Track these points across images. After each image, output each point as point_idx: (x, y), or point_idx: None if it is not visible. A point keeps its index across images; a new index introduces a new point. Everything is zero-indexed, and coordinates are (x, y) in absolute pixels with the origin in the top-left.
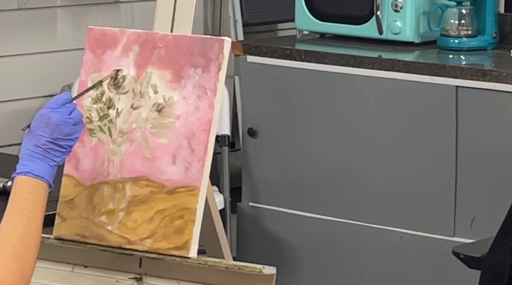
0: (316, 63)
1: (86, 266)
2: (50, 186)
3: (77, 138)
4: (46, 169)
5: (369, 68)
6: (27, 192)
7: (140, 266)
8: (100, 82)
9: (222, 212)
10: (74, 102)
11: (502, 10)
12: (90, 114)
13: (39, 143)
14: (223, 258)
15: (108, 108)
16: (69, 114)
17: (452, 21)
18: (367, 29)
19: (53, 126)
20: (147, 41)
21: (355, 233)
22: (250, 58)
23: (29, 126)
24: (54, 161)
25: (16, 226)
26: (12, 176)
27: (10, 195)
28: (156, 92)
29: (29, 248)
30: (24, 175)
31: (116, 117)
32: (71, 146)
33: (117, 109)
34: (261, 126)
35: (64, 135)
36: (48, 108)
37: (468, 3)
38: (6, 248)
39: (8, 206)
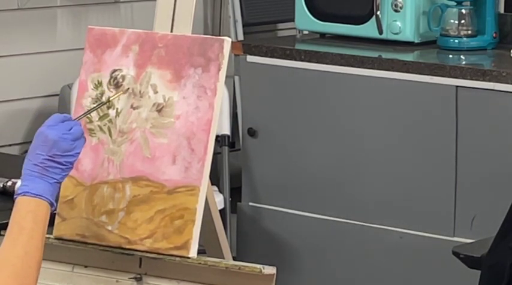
0: (316, 63)
1: (86, 266)
2: (51, 204)
3: (78, 153)
4: (46, 187)
5: (369, 68)
6: (26, 211)
7: (140, 266)
8: (103, 103)
9: (222, 212)
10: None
11: (502, 10)
12: (90, 114)
13: (37, 162)
14: (223, 258)
15: (108, 107)
16: (69, 130)
17: (452, 21)
18: (367, 29)
19: (50, 143)
20: (147, 40)
21: (355, 233)
22: (250, 58)
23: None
24: (54, 178)
25: (16, 245)
26: (14, 197)
27: (11, 216)
28: (156, 92)
29: (29, 268)
30: (24, 195)
31: (115, 116)
32: (71, 163)
33: (117, 109)
34: (261, 126)
35: (62, 152)
36: (45, 125)
37: (468, 3)
38: (6, 268)
39: (8, 227)
